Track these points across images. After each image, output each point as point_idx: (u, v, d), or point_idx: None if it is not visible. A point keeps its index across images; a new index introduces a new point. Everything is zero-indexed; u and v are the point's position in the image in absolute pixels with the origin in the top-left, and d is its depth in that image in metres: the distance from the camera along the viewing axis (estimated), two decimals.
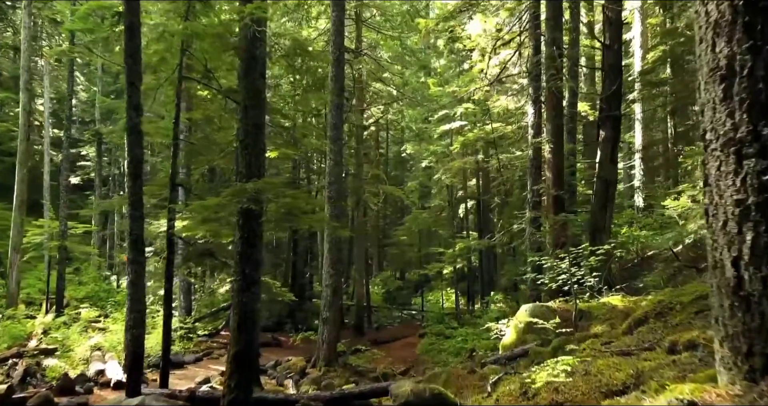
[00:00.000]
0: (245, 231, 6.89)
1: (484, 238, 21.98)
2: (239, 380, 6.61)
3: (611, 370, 3.43)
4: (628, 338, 4.99)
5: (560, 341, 7.03)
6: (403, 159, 38.40)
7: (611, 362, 3.61)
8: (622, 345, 4.56)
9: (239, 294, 6.82)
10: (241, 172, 6.95)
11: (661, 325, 5.11)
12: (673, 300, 5.50)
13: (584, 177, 20.32)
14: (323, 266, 14.49)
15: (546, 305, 8.64)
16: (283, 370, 13.70)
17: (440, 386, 7.26)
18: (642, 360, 3.54)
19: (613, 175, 12.56)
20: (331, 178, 14.37)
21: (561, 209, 12.49)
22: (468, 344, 15.93)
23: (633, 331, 5.58)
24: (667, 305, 5.50)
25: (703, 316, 4.84)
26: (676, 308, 5.37)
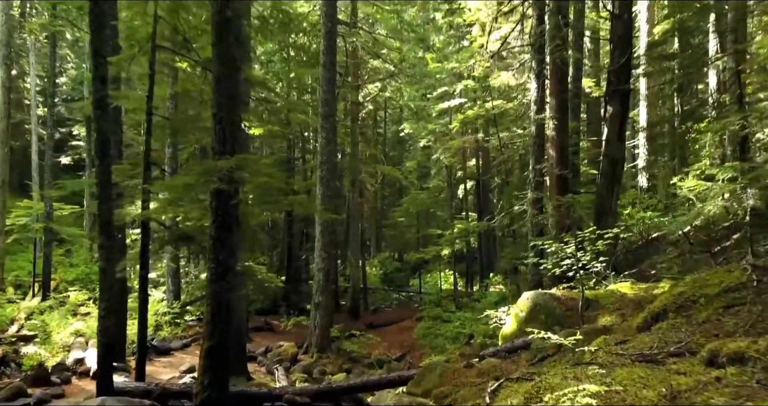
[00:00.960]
0: (219, 214, 6.23)
1: (483, 219, 21.36)
2: (213, 377, 6.01)
3: (637, 386, 2.81)
4: (647, 336, 4.37)
5: (566, 333, 6.42)
6: (402, 139, 37.63)
7: (635, 375, 2.98)
8: (643, 347, 3.94)
9: (213, 284, 6.18)
10: (214, 148, 6.26)
11: (683, 322, 4.48)
12: (696, 292, 4.87)
13: (589, 156, 19.60)
14: (315, 249, 13.87)
15: (549, 292, 8.03)
16: (274, 357, 13.17)
17: (433, 382, 6.68)
18: (674, 373, 2.92)
19: (621, 154, 11.86)
20: (323, 157, 13.67)
21: (565, 189, 11.82)
22: (466, 328, 15.40)
23: (650, 326, 4.96)
24: (690, 297, 4.87)
25: (734, 313, 4.21)
26: (699, 301, 4.74)
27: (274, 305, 23.74)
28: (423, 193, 27.40)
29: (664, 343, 3.92)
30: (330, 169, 13.66)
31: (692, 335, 3.99)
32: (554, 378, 3.54)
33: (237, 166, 6.00)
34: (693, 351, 3.52)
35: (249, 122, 10.05)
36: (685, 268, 9.36)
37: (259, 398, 7.61)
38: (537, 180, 12.46)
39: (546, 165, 11.96)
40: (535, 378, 3.80)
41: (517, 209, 13.31)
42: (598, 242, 7.97)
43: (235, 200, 6.25)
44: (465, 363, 6.99)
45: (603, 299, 7.67)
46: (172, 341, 13.98)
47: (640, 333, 4.90)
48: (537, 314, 7.82)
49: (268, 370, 12.34)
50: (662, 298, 5.21)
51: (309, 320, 14.09)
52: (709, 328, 4.07)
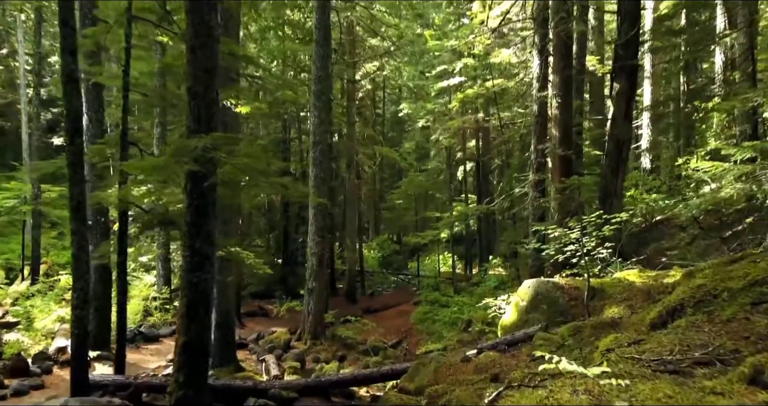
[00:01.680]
0: (194, 198, 5.72)
1: (483, 202, 20.88)
2: (189, 374, 5.56)
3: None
4: (664, 335, 3.89)
5: (570, 327, 5.96)
6: (401, 119, 36.97)
7: (661, 392, 2.50)
8: (662, 350, 3.46)
9: (188, 274, 5.70)
10: (189, 127, 5.72)
11: (704, 319, 4.00)
12: (717, 285, 4.39)
13: (592, 137, 19.02)
14: (309, 233, 13.39)
15: (552, 281, 7.55)
16: (266, 344, 12.77)
17: (428, 377, 6.24)
18: (709, 393, 2.43)
19: (627, 134, 11.28)
20: (315, 137, 13.12)
21: (568, 171, 11.31)
22: (464, 314, 15.01)
23: (666, 323, 4.48)
24: (710, 291, 4.38)
25: (764, 310, 3.73)
26: (722, 296, 4.25)
27: (270, 288, 23.37)
28: (421, 175, 26.88)
29: (687, 346, 3.44)
30: (323, 150, 13.12)
31: (718, 337, 3.51)
32: (562, 392, 3.07)
33: (212, 146, 5.47)
34: (722, 359, 3.05)
35: (235, 100, 9.49)
36: (695, 254, 8.89)
37: (243, 393, 7.18)
38: (539, 161, 11.94)
39: (548, 145, 11.42)
40: (540, 391, 3.31)
41: (518, 192, 12.79)
42: (605, 228, 7.49)
43: (211, 183, 5.74)
44: (462, 357, 6.54)
45: (609, 288, 7.20)
46: (161, 328, 13.57)
47: (655, 331, 4.42)
48: (539, 303, 7.36)
49: (260, 357, 11.95)
50: (679, 291, 4.73)
51: (303, 305, 13.67)
52: (737, 328, 3.58)
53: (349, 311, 18.49)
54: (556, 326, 6.94)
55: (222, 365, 10.22)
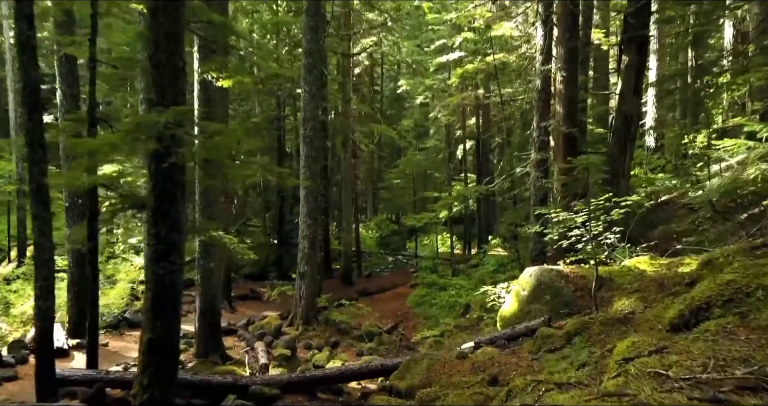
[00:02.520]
0: (159, 180, 5.11)
1: (483, 181, 20.27)
2: (155, 376, 5.02)
3: None
4: (690, 342, 3.33)
5: (577, 322, 5.40)
6: (400, 96, 36.11)
7: None
8: (692, 364, 2.90)
9: (153, 264, 5.12)
10: (150, 99, 5.09)
11: (737, 323, 3.43)
12: (750, 282, 3.81)
13: (595, 114, 18.33)
14: (300, 215, 12.80)
15: (556, 268, 6.99)
16: (256, 330, 12.28)
17: (420, 376, 5.71)
18: None
19: (636, 109, 10.64)
20: (306, 113, 12.44)
21: (572, 149, 10.69)
22: (462, 298, 14.53)
23: (690, 324, 3.91)
24: (742, 288, 3.81)
25: None
26: (756, 294, 3.68)
27: (265, 270, 22.91)
28: (420, 154, 26.20)
29: (723, 360, 2.89)
30: (315, 128, 12.45)
31: (759, 349, 2.95)
32: None
33: (176, 122, 4.84)
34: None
35: (217, 73, 8.80)
36: (708, 238, 8.33)
37: (222, 388, 6.67)
38: (541, 139, 11.29)
39: (552, 122, 10.77)
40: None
41: (519, 172, 12.17)
42: (614, 211, 6.90)
43: (178, 164, 5.12)
44: (457, 353, 6.01)
45: (618, 276, 6.64)
46: None
47: (677, 334, 3.86)
48: (541, 293, 6.82)
49: (249, 344, 11.46)
50: (703, 287, 4.15)
51: (294, 289, 13.15)
52: None
53: (344, 293, 18.01)
54: (561, 318, 6.42)
55: (207, 354, 9.73)
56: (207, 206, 9.53)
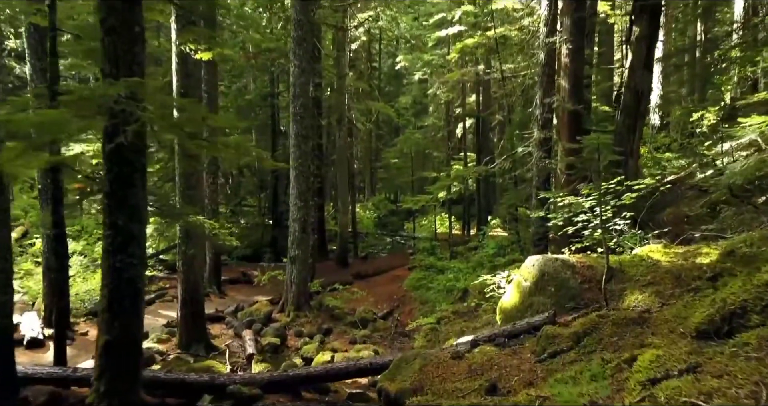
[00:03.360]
0: (114, 163, 4.51)
1: (483, 160, 19.64)
2: (113, 381, 4.49)
3: None
4: (728, 358, 2.78)
5: (586, 321, 4.85)
6: (399, 73, 35.23)
7: None
8: (737, 393, 2.35)
9: (110, 257, 4.55)
10: (104, 70, 4.45)
11: None
12: None
13: (600, 90, 17.60)
14: (290, 197, 12.21)
15: (561, 258, 6.42)
16: (245, 316, 11.78)
17: (411, 378, 5.17)
18: None
19: (647, 85, 9.97)
20: (296, 89, 11.75)
21: (578, 127, 10.03)
22: (460, 282, 14.00)
23: (722, 332, 3.35)
24: None
25: None
26: None
27: (259, 251, 22.40)
28: (418, 132, 25.50)
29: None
30: (305, 104, 11.77)
31: None
32: None
33: (130, 96, 4.21)
34: None
35: (195, 45, 8.11)
36: (729, 225, 7.75)
37: (198, 388, 6.16)
38: (545, 117, 10.62)
39: (556, 98, 10.10)
40: None
41: (521, 151, 11.52)
42: (625, 196, 6.31)
43: (137, 143, 4.51)
44: (452, 352, 5.47)
45: (629, 267, 6.06)
46: None
47: (707, 343, 3.29)
48: (545, 285, 6.25)
49: (237, 332, 10.97)
50: (736, 287, 3.59)
51: (285, 274, 12.62)
52: None
53: (339, 276, 17.53)
54: (566, 313, 5.86)
55: (191, 344, 9.25)
56: (188, 188, 8.94)
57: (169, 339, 9.58)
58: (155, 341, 9.51)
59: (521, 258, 13.39)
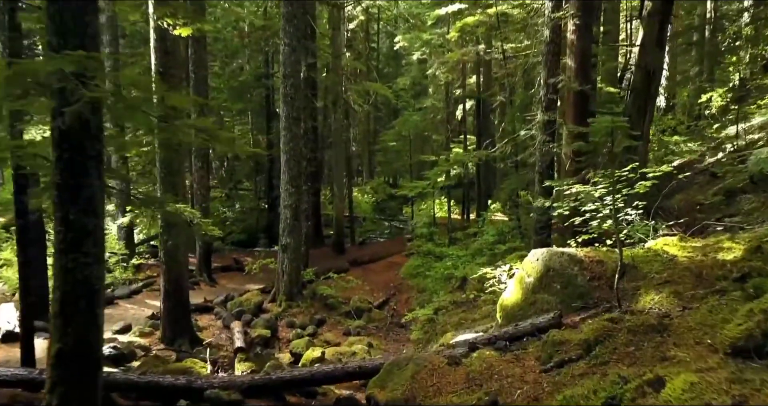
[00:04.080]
0: (65, 149, 3.96)
1: (483, 143, 19.06)
2: (67, 396, 4.00)
3: None
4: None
5: (598, 327, 4.34)
6: (398, 54, 34.38)
7: None
8: None
9: (61, 256, 4.02)
10: (50, 42, 3.87)
11: None
12: None
13: (605, 70, 16.90)
14: (281, 183, 11.66)
15: (567, 252, 5.90)
16: (234, 306, 11.31)
17: (403, 386, 4.69)
18: None
19: (659, 63, 9.37)
20: (286, 69, 11.13)
21: (584, 109, 9.45)
22: (458, 270, 13.52)
23: (765, 352, 2.84)
24: None
25: None
26: None
27: (254, 236, 21.93)
28: (417, 114, 24.78)
29: None
30: (296, 85, 11.15)
31: None
32: None
33: (80, 72, 3.64)
34: None
35: (173, 19, 7.50)
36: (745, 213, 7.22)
37: (174, 392, 5.68)
38: (549, 98, 10.00)
39: (562, 78, 9.49)
40: None
41: (524, 135, 10.95)
42: (639, 184, 5.76)
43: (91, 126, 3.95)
44: (448, 356, 4.98)
45: (643, 263, 5.55)
46: (118, 288, 12.09)
47: (746, 365, 2.79)
48: (550, 281, 5.74)
49: (225, 324, 10.53)
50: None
51: (276, 263, 12.13)
52: None
53: (335, 263, 17.06)
54: (574, 313, 5.36)
55: (175, 339, 8.79)
56: (169, 174, 8.39)
57: (153, 332, 9.12)
58: (137, 334, 9.04)
59: (522, 246, 12.91)
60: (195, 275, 13.96)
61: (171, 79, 8.30)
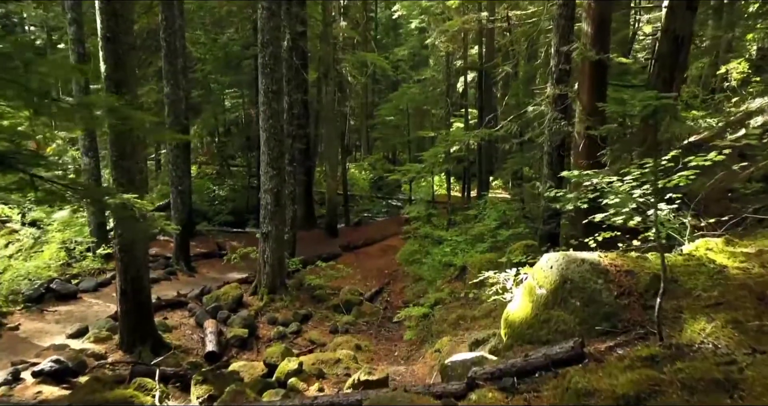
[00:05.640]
0: None
1: (485, 118, 17.83)
2: None
3: None
4: None
5: (637, 376, 3.26)
6: (397, 24, 32.84)
7: None
8: None
9: None
10: None
11: None
12: None
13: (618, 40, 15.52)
14: (260, 165, 10.54)
15: (588, 259, 4.79)
16: (211, 301, 10.29)
17: None
18: None
19: (688, 28, 8.10)
20: (264, 36, 9.88)
21: (602, 81, 8.25)
22: (457, 257, 12.45)
23: None
24: None
25: None
26: None
27: (243, 217, 20.83)
28: (415, 86, 23.42)
29: None
30: (275, 54, 9.90)
31: None
32: None
33: None
34: None
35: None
36: None
37: None
38: (561, 68, 8.80)
39: (577, 45, 8.25)
40: None
41: (532, 111, 9.75)
42: (679, 175, 4.62)
43: None
44: (440, 401, 3.93)
45: (683, 274, 4.45)
46: (83, 280, 11.04)
47: None
48: (567, 296, 4.66)
49: (199, 322, 9.51)
50: None
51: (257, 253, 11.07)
52: None
53: (326, 247, 16.04)
54: (598, 338, 4.30)
55: (134, 345, 7.77)
56: (121, 158, 7.26)
57: (111, 337, 8.08)
58: (92, 340, 8.00)
59: (527, 233, 11.83)
60: (172, 263, 12.92)
61: (120, 47, 7.11)
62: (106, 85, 7.14)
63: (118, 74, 7.15)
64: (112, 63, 7.11)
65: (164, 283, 11.85)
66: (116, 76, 7.15)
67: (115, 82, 7.13)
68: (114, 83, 7.13)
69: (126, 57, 7.22)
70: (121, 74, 7.16)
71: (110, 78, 7.12)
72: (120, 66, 7.15)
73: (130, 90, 7.32)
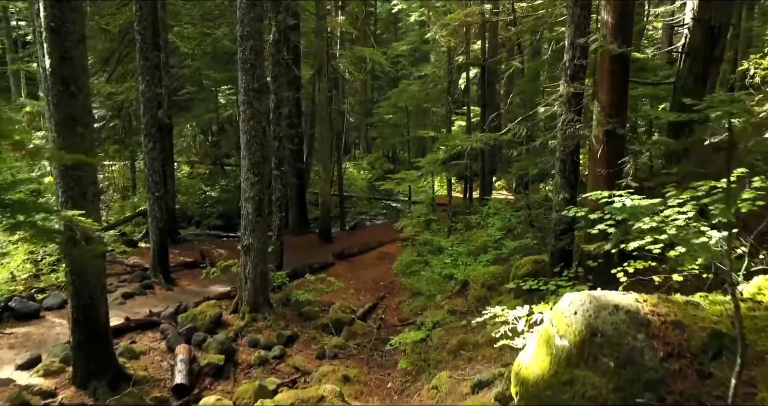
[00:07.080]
0: None
1: (488, 116, 16.88)
2: None
3: None
4: None
5: None
6: (397, 19, 31.82)
7: None
8: None
9: None
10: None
11: None
12: None
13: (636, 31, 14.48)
14: (241, 170, 9.56)
15: (623, 304, 3.78)
16: (186, 321, 9.31)
17: None
18: None
19: (725, 18, 7.08)
20: (244, 28, 8.87)
21: (624, 78, 7.22)
22: (459, 270, 11.45)
23: None
24: None
25: None
26: None
27: (233, 221, 19.85)
28: (415, 83, 22.37)
29: None
30: (256, 48, 8.89)
31: None
32: None
33: None
34: None
35: None
36: None
37: None
38: (576, 64, 7.77)
39: (595, 37, 7.22)
40: None
41: (543, 112, 8.73)
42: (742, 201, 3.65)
43: None
44: None
45: (750, 329, 3.47)
46: (49, 296, 10.08)
47: None
48: (597, 352, 3.66)
49: (170, 346, 8.55)
50: None
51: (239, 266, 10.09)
52: None
53: (318, 255, 15.05)
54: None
55: (89, 379, 6.82)
56: (68, 166, 6.28)
57: (64, 369, 7.12)
58: (41, 373, 7.03)
59: (533, 245, 10.82)
60: (149, 275, 11.94)
61: (68, 37, 6.13)
62: (51, 82, 6.16)
63: (65, 70, 6.17)
64: (57, 56, 6.13)
65: (138, 298, 10.88)
66: (63, 72, 6.17)
67: (62, 79, 6.16)
68: (60, 80, 6.16)
69: (75, 50, 6.24)
70: (68, 70, 6.19)
71: (55, 73, 6.15)
72: (67, 60, 6.18)
73: (81, 88, 6.34)
